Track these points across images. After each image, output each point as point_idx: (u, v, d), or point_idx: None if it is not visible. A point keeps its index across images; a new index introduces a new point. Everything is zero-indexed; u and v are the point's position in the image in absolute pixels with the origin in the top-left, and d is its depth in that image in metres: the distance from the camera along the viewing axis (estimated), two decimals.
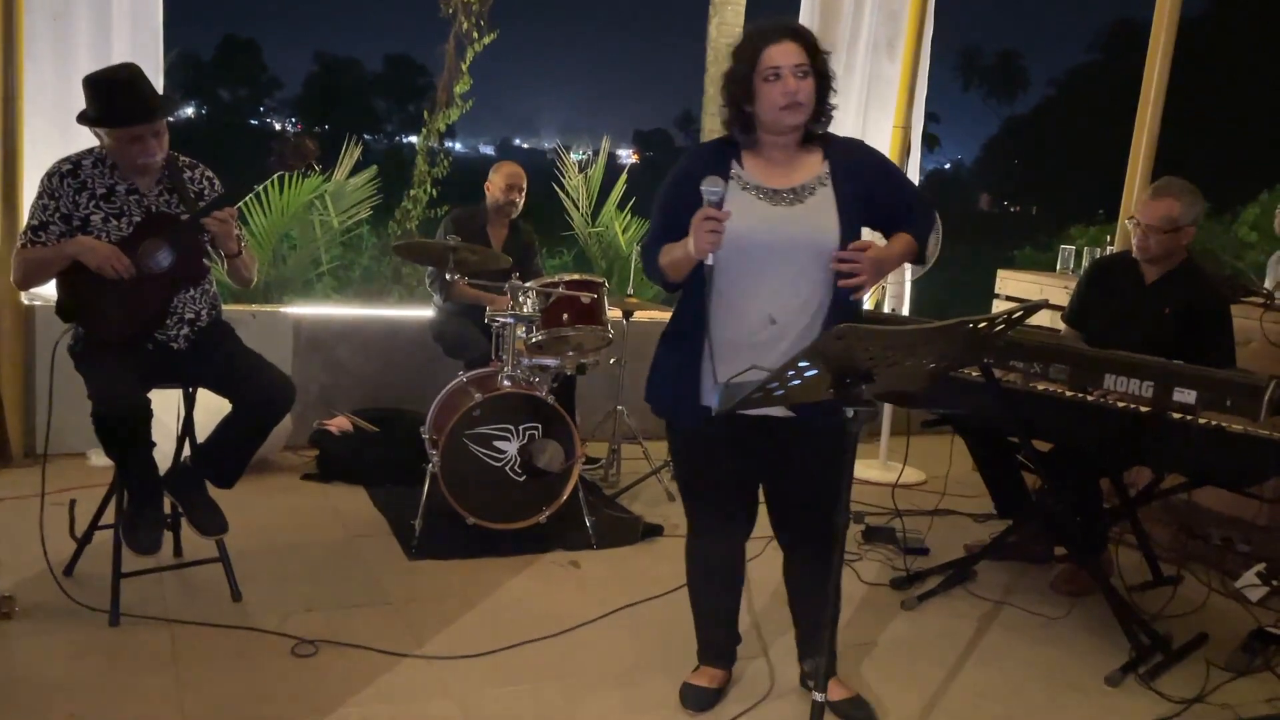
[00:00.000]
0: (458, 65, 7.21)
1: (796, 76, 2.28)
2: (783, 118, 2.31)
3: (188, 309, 3.01)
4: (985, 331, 1.85)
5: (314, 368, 4.77)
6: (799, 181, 2.38)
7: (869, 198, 2.40)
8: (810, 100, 2.31)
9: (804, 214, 2.35)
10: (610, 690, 2.78)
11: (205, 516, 3.01)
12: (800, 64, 2.29)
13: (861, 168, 2.42)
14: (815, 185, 2.37)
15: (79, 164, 2.92)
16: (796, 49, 2.30)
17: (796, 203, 2.36)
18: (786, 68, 2.28)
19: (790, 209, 2.36)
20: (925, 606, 3.47)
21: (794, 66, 2.28)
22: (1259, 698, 2.98)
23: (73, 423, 3.05)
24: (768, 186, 2.38)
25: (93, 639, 2.81)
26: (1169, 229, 3.34)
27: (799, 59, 2.29)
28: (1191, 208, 3.36)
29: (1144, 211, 3.42)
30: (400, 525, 3.75)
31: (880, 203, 2.42)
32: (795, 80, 2.28)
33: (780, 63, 2.28)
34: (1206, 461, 3.00)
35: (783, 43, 2.30)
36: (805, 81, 2.29)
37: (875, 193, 2.41)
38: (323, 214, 6.14)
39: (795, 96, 2.28)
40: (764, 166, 2.41)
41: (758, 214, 2.35)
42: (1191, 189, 3.37)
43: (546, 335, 3.86)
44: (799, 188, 2.37)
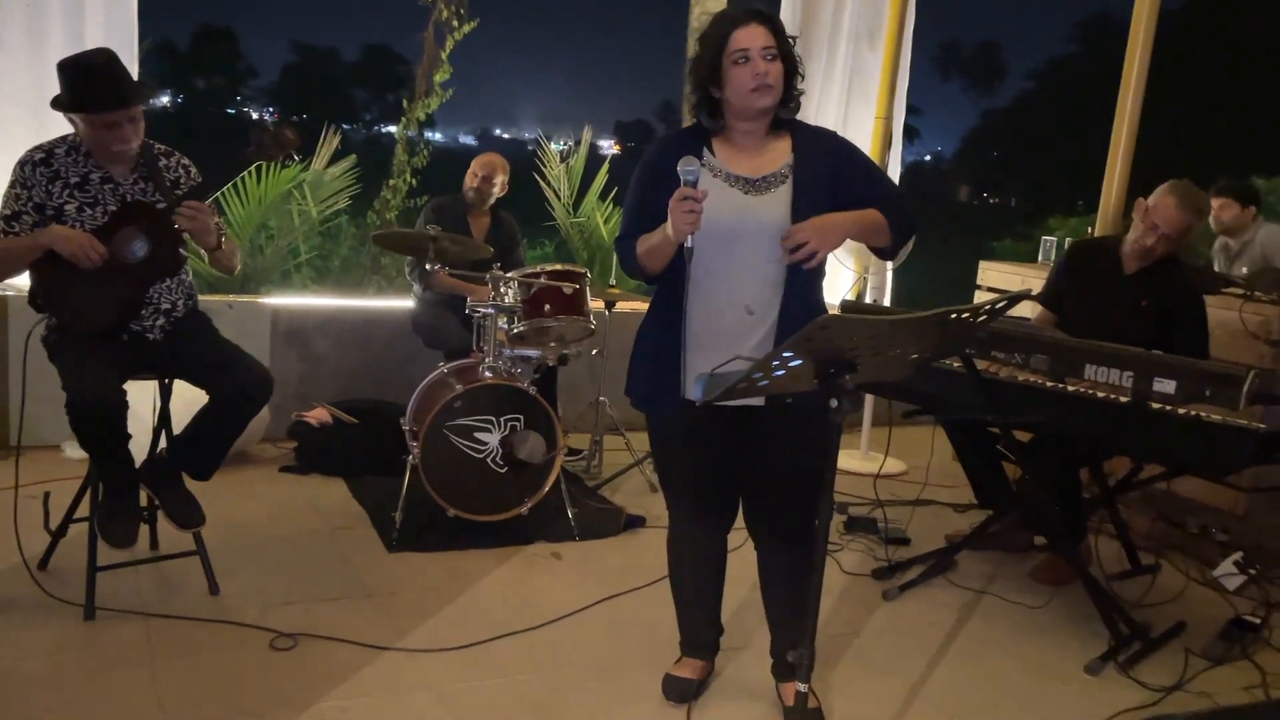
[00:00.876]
0: (437, 54, 7.13)
1: (765, 59, 2.28)
2: (752, 100, 2.30)
3: (163, 299, 2.97)
4: (968, 321, 1.85)
5: (292, 359, 4.73)
6: (767, 170, 2.37)
7: (835, 188, 2.36)
8: (779, 83, 2.31)
9: (771, 203, 2.35)
10: (592, 682, 2.77)
11: (182, 509, 2.98)
12: (768, 46, 2.29)
13: (829, 157, 2.40)
14: (782, 174, 2.37)
15: (52, 152, 2.87)
16: (764, 32, 2.30)
17: (766, 191, 2.36)
18: (755, 50, 2.28)
19: (760, 197, 2.36)
20: (906, 596, 3.48)
21: (762, 49, 2.28)
22: (1237, 685, 3.00)
23: (47, 415, 3.01)
24: (738, 174, 2.38)
25: (68, 633, 2.78)
26: (1180, 238, 3.38)
27: (767, 41, 2.29)
28: (1203, 219, 3.40)
29: (1164, 214, 3.37)
30: (380, 517, 3.73)
31: (851, 192, 2.37)
32: (764, 62, 2.28)
33: (748, 45, 2.28)
34: (1185, 451, 3.02)
35: (750, 25, 2.30)
36: (774, 64, 2.29)
37: (844, 183, 2.38)
38: (301, 204, 6.08)
39: (765, 79, 2.28)
40: (734, 153, 2.41)
41: (731, 201, 2.35)
42: (1206, 199, 3.42)
43: (528, 326, 3.84)
44: (768, 176, 2.37)
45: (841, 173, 2.38)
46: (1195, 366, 2.93)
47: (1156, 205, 3.40)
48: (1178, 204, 3.38)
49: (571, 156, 6.84)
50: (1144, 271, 3.46)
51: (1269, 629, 3.35)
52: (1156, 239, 3.39)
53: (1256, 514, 3.87)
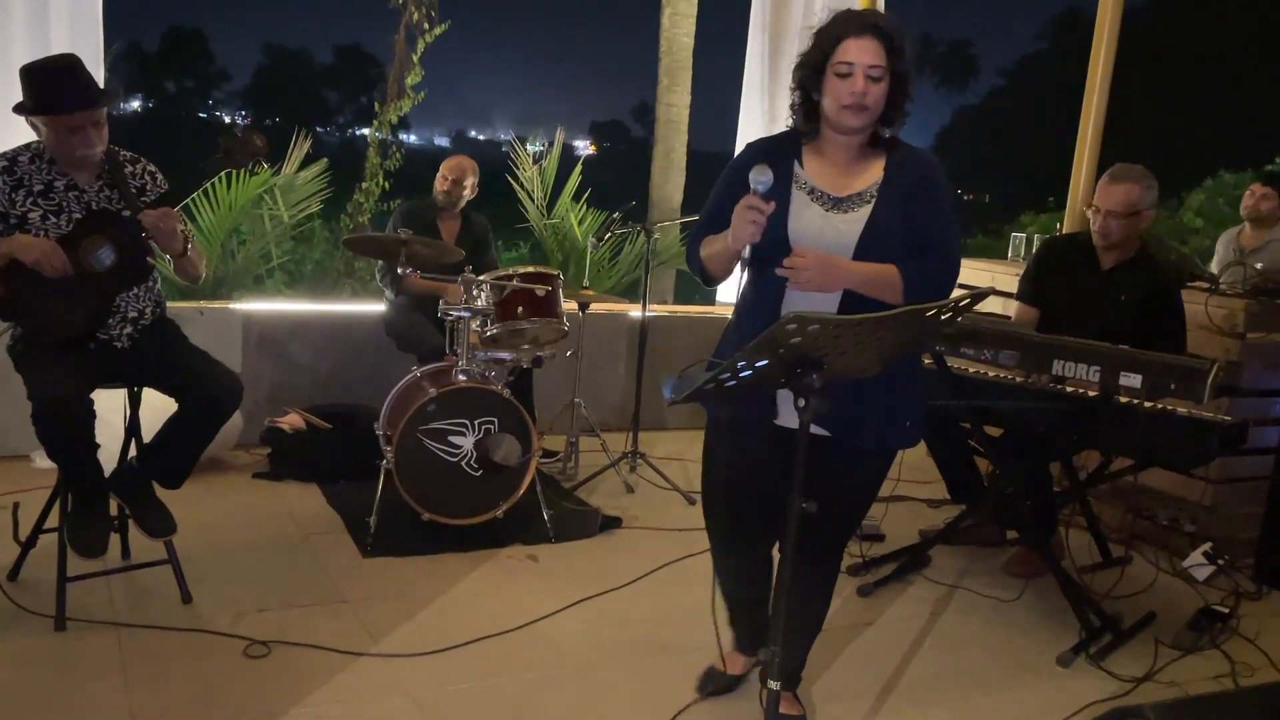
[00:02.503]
0: (409, 56, 7.12)
1: (869, 78, 2.15)
2: (843, 117, 2.19)
3: (130, 307, 2.95)
4: (934, 318, 1.86)
5: (265, 365, 4.70)
6: (855, 190, 2.26)
7: (909, 218, 2.23)
8: (877, 105, 2.19)
9: (848, 224, 2.24)
10: (568, 683, 2.77)
11: (153, 518, 2.96)
12: (876, 65, 2.15)
13: (914, 185, 2.25)
14: (868, 195, 2.25)
15: (15, 160, 2.84)
16: (876, 48, 2.15)
17: (847, 210, 2.25)
18: (860, 66, 2.14)
19: (839, 215, 2.25)
20: (881, 592, 3.50)
21: (868, 66, 2.14)
22: (1206, 675, 3.05)
23: (15, 424, 2.97)
24: (823, 191, 2.27)
25: (38, 645, 2.75)
26: (1129, 213, 3.39)
27: (875, 59, 2.15)
28: (1149, 191, 3.40)
29: (1103, 197, 3.43)
30: (355, 522, 3.71)
31: (913, 225, 2.23)
32: (865, 82, 2.15)
33: (854, 59, 2.15)
34: (1153, 444, 3.06)
35: (863, 38, 2.15)
36: (877, 85, 2.16)
37: (914, 215, 2.23)
38: (272, 208, 6.05)
39: (861, 99, 2.15)
40: (824, 167, 2.30)
41: (807, 217, 2.25)
42: (1147, 173, 3.42)
43: (501, 328, 3.84)
44: (853, 196, 2.25)
45: (915, 202, 2.24)
46: (1160, 360, 2.97)
47: (1096, 194, 3.47)
48: (1108, 181, 3.44)
49: (545, 158, 6.83)
50: (1121, 267, 3.49)
51: (1237, 618, 3.39)
52: (1104, 221, 3.42)
53: (1224, 505, 3.93)
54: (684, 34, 8.17)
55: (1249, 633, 3.32)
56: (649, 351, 4.57)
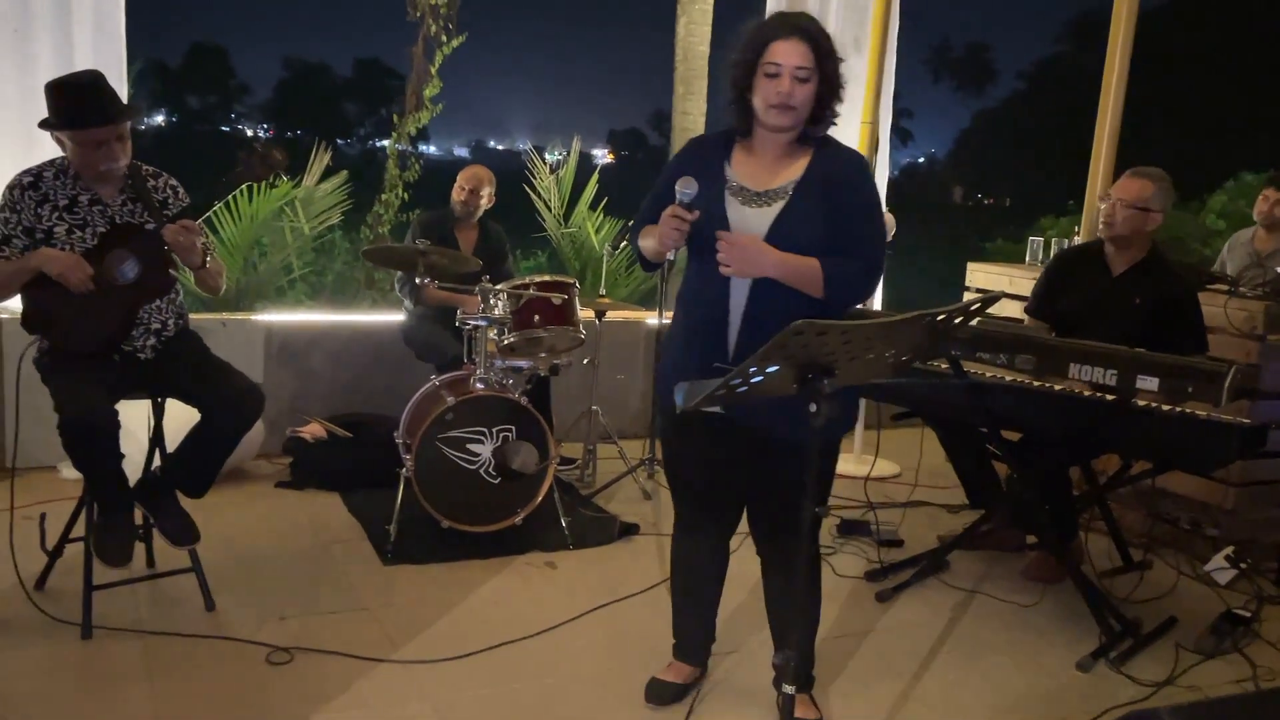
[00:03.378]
0: (426, 68, 7.19)
1: (795, 79, 2.22)
2: (770, 116, 2.27)
3: (154, 319, 3.00)
4: (944, 324, 1.87)
5: (286, 375, 4.75)
6: (772, 185, 2.34)
7: (832, 217, 2.29)
8: (804, 105, 2.26)
9: (759, 217, 2.32)
10: (587, 690, 2.79)
11: (176, 526, 3.00)
12: (802, 66, 2.22)
13: (839, 183, 2.30)
14: (783, 191, 2.32)
15: (40, 175, 2.90)
16: (803, 50, 2.23)
17: (761, 205, 2.33)
18: (787, 68, 2.22)
19: (753, 209, 2.33)
20: (900, 598, 3.50)
21: (795, 68, 2.22)
22: (1228, 679, 3.02)
23: (43, 436, 3.02)
24: (747, 187, 2.35)
25: (65, 653, 2.80)
26: (1139, 206, 3.40)
27: (803, 61, 2.22)
28: (1163, 195, 3.42)
29: (1117, 187, 3.49)
30: (375, 530, 3.75)
31: (837, 224, 2.29)
32: (791, 83, 2.23)
33: (781, 61, 2.23)
34: (1171, 447, 3.05)
35: (790, 40, 2.23)
36: (804, 86, 2.23)
37: (837, 213, 2.29)
38: (293, 220, 6.11)
39: (787, 99, 2.23)
40: (751, 164, 2.38)
41: (730, 214, 2.34)
42: (1166, 178, 3.45)
43: (518, 337, 3.87)
44: (770, 191, 2.33)
45: (837, 201, 2.29)
46: (1177, 363, 2.95)
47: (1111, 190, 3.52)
48: (1126, 175, 3.50)
49: (561, 168, 6.87)
50: (1132, 270, 3.48)
51: (1259, 622, 3.37)
52: (1112, 208, 3.45)
53: (1246, 508, 3.90)
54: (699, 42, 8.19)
55: (1271, 636, 3.30)
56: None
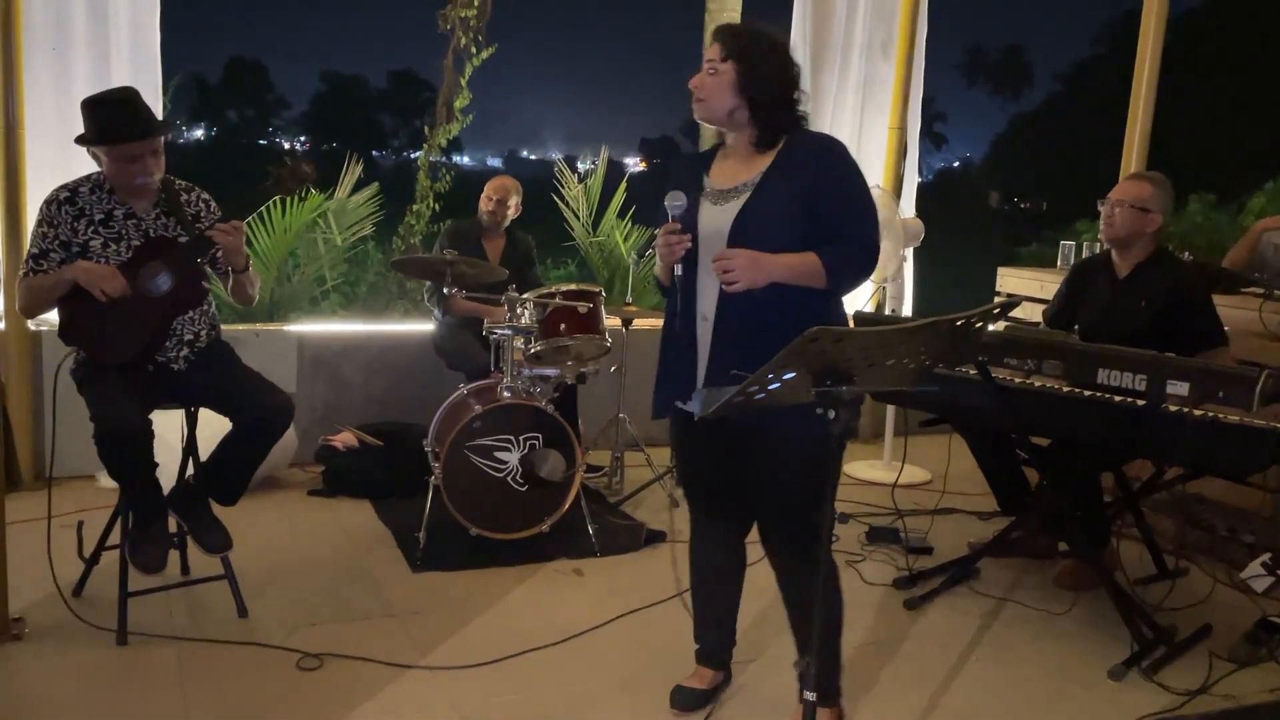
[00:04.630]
0: (456, 80, 7.27)
1: (706, 73, 2.36)
2: (693, 110, 2.41)
3: (187, 330, 3.05)
4: (962, 329, 1.87)
5: (319, 384, 4.81)
6: (738, 181, 2.40)
7: (808, 203, 2.31)
8: (714, 96, 2.36)
9: (724, 213, 2.38)
10: (613, 697, 2.80)
11: (210, 534, 3.05)
12: (711, 59, 2.36)
13: (810, 172, 2.33)
14: (746, 187, 2.38)
15: (76, 190, 2.97)
16: (714, 48, 2.37)
17: (726, 201, 2.39)
18: (703, 65, 2.38)
19: (719, 207, 2.40)
20: (929, 605, 3.48)
21: (706, 63, 2.37)
22: (1262, 688, 2.97)
23: (81, 445, 3.08)
24: (714, 185, 2.45)
25: (101, 658, 2.85)
26: (1137, 206, 3.40)
27: (711, 54, 2.37)
28: (1161, 195, 3.41)
29: (1116, 190, 3.50)
30: (404, 538, 3.78)
31: (820, 213, 2.32)
32: (700, 76, 2.37)
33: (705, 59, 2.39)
34: (1203, 453, 3.00)
35: (711, 43, 2.40)
36: (712, 78, 2.35)
37: (819, 199, 2.31)
38: (326, 232, 6.20)
39: (695, 90, 2.38)
40: (723, 168, 2.47)
41: (701, 215, 2.42)
42: (1165, 182, 3.47)
43: (545, 345, 3.89)
44: (734, 188, 2.40)
45: (817, 186, 2.32)
46: (1207, 368, 2.92)
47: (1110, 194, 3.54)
48: (1128, 177, 3.53)
49: (590, 176, 6.90)
50: (1137, 272, 3.47)
51: None
52: (1110, 208, 3.46)
53: None
54: None
55: None
56: None
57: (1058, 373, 3.20)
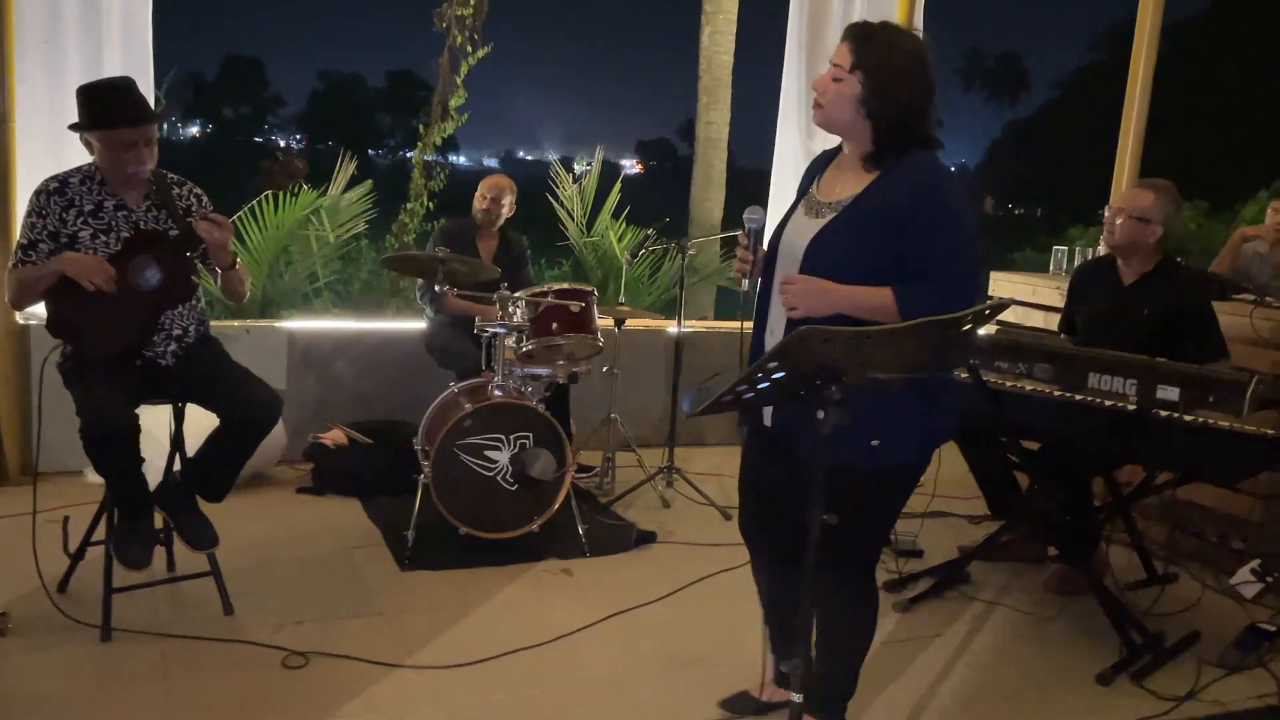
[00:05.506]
0: (452, 79, 7.25)
1: (831, 77, 2.19)
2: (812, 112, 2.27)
3: (175, 325, 3.04)
4: (953, 331, 1.86)
5: (309, 381, 4.79)
6: (837, 198, 2.26)
7: (897, 234, 2.14)
8: (834, 105, 2.19)
9: (809, 227, 2.26)
10: (600, 697, 2.79)
11: (196, 531, 3.03)
12: (838, 64, 2.18)
13: (904, 199, 2.14)
14: (839, 205, 2.24)
15: (66, 181, 2.95)
16: (844, 49, 2.19)
17: (817, 216, 2.27)
18: (830, 64, 2.21)
19: (808, 220, 2.28)
20: (919, 608, 3.47)
21: (832, 66, 2.19)
22: (1250, 694, 2.98)
23: (68, 440, 3.05)
24: (817, 198, 2.31)
25: (85, 654, 2.83)
26: (1137, 216, 3.39)
27: (839, 58, 2.19)
28: (1164, 207, 3.37)
29: (1120, 197, 3.51)
30: (393, 536, 3.77)
31: (904, 249, 2.14)
32: (825, 78, 2.20)
33: (832, 58, 2.22)
34: (1194, 458, 3.01)
35: (842, 41, 2.21)
36: (835, 84, 2.18)
37: (906, 237, 2.13)
38: (319, 229, 6.17)
39: (817, 94, 2.21)
40: (832, 177, 2.33)
41: (791, 222, 2.33)
42: (1172, 192, 3.41)
43: (537, 344, 3.88)
44: (829, 204, 2.26)
45: (909, 219, 2.13)
46: (1198, 373, 2.92)
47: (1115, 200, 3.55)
48: (1131, 187, 3.54)
49: (584, 177, 6.90)
50: (1142, 280, 3.45)
51: None
52: (1112, 217, 3.47)
53: (1273, 521, 3.83)
54: (723, 52, 8.21)
55: None
56: (686, 367, 4.58)
57: (1049, 377, 3.20)
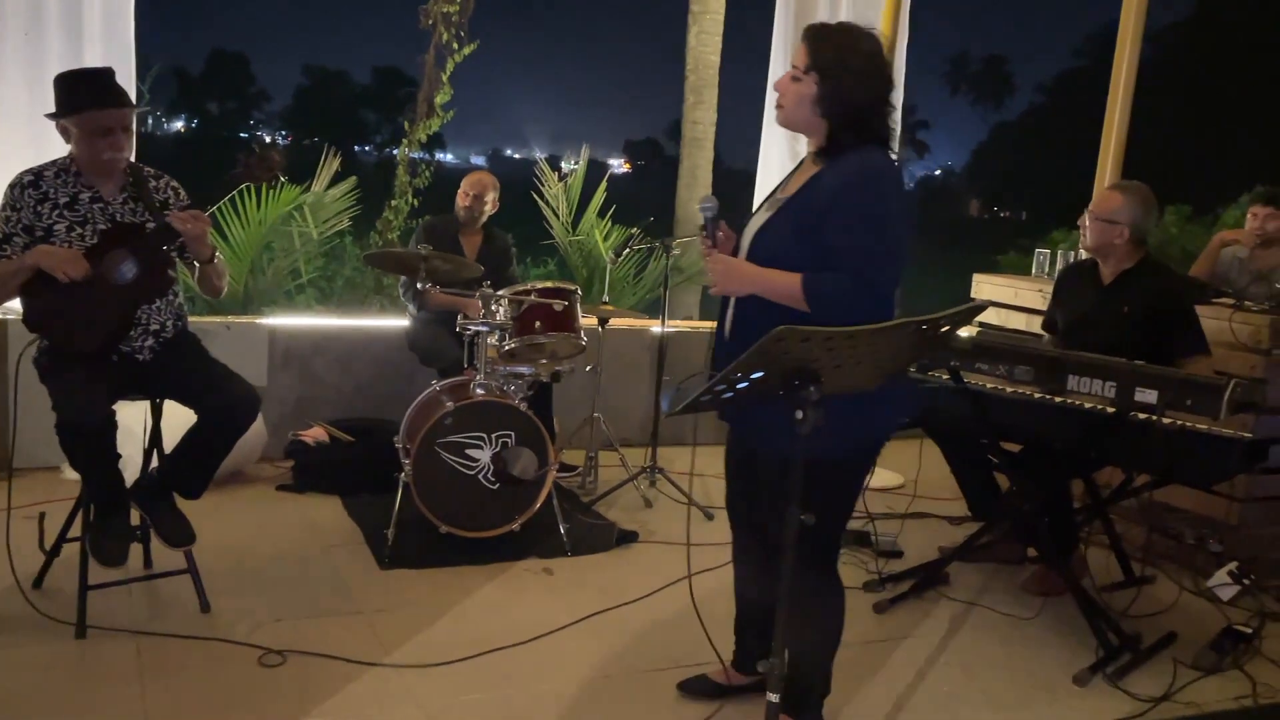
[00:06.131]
0: (438, 76, 7.23)
1: (789, 76, 2.26)
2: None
3: (152, 320, 3.01)
4: (930, 331, 1.86)
5: (290, 378, 4.77)
6: (790, 193, 2.33)
7: (819, 222, 2.20)
8: (793, 104, 2.25)
9: (759, 221, 2.35)
10: (577, 697, 2.78)
11: (173, 528, 3.01)
12: (796, 65, 2.25)
13: (831, 191, 2.20)
14: (785, 199, 2.32)
15: (41, 175, 2.93)
16: (802, 50, 2.25)
17: (767, 211, 2.36)
18: (787, 70, 2.29)
19: (762, 216, 2.36)
20: (898, 609, 3.48)
21: (792, 65, 2.27)
22: (1226, 696, 2.99)
23: (44, 436, 3.03)
24: (776, 195, 2.38)
25: (59, 651, 2.81)
26: (1105, 219, 3.43)
27: (798, 59, 2.25)
28: (1133, 208, 3.41)
29: (1092, 204, 3.55)
30: (373, 535, 3.75)
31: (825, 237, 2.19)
32: (785, 79, 2.27)
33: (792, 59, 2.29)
34: (1171, 461, 3.03)
35: (801, 42, 2.27)
36: (794, 84, 2.24)
37: (826, 222, 2.19)
38: (302, 225, 6.14)
39: (777, 95, 2.29)
40: (795, 176, 2.40)
41: (750, 221, 2.38)
42: (1142, 193, 3.44)
43: (519, 343, 3.87)
44: (779, 199, 2.34)
45: (833, 209, 2.19)
46: (1176, 376, 2.94)
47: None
48: (1101, 190, 3.63)
49: (569, 176, 6.88)
50: (1121, 279, 3.48)
51: (1261, 639, 3.33)
52: (1082, 219, 3.53)
53: (1250, 524, 3.86)
54: (710, 52, 8.21)
55: (1273, 653, 3.26)
56: (669, 368, 4.58)
57: (1029, 379, 3.22)
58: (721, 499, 2.75)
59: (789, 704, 2.45)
